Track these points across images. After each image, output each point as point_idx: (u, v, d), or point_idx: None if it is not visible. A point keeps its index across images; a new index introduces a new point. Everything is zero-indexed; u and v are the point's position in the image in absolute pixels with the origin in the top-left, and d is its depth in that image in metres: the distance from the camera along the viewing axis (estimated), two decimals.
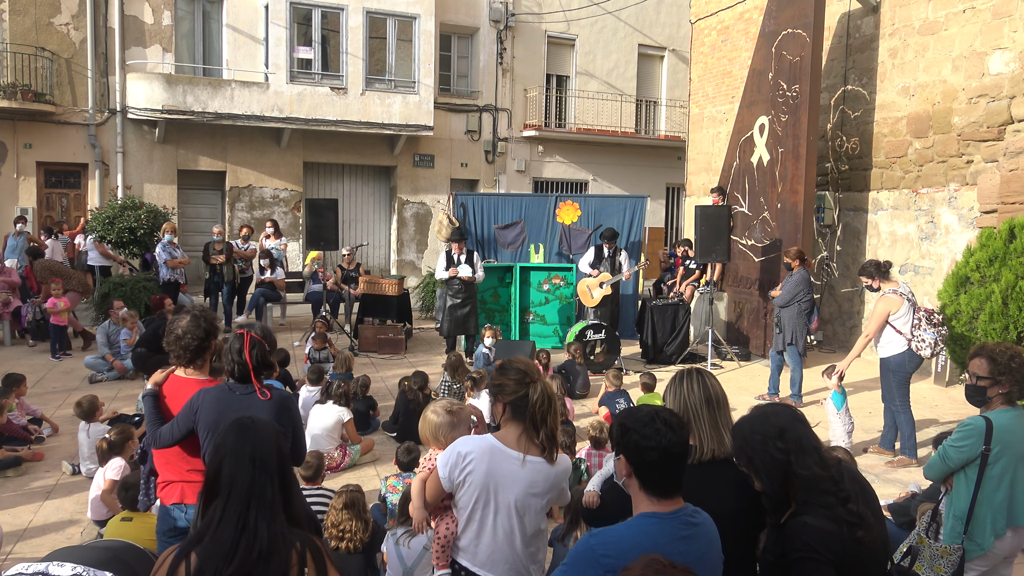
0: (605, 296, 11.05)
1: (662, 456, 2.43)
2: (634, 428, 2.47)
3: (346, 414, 6.81)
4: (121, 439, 5.57)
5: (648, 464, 2.44)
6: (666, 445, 2.42)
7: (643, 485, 2.47)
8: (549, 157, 21.91)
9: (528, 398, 2.98)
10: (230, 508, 2.33)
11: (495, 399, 3.07)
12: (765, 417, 2.73)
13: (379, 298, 12.22)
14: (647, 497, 2.47)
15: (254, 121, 17.41)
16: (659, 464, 2.43)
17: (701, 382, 3.00)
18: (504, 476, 2.97)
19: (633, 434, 2.46)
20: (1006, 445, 3.82)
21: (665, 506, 2.46)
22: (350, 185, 20.28)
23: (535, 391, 2.99)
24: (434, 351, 11.87)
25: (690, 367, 3.15)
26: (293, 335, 12.81)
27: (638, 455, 2.45)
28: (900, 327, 6.98)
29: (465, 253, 11.12)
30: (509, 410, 3.03)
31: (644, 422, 2.47)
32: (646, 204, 13.17)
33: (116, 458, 5.46)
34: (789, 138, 11.22)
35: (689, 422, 2.90)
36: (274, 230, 14.28)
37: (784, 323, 9.03)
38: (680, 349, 11.31)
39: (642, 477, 2.47)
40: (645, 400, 7.81)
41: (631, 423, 2.49)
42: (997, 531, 3.83)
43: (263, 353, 3.56)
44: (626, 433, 2.49)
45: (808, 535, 2.53)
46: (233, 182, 18.33)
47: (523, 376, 3.02)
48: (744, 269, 12.21)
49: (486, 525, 2.98)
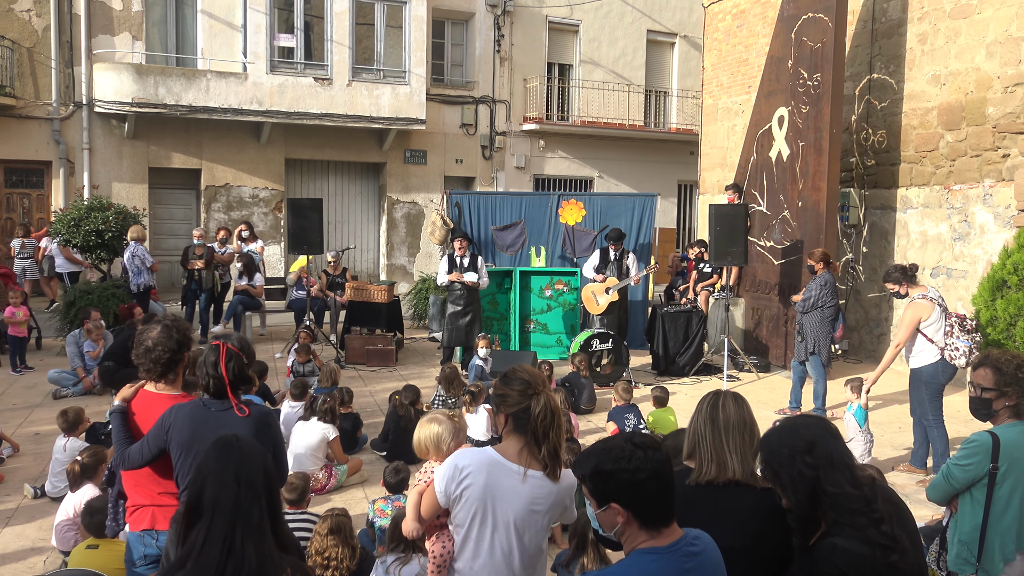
0: (612, 303, 11.05)
1: (658, 482, 2.37)
2: (616, 468, 2.38)
3: (332, 432, 6.80)
4: (94, 462, 5.55)
5: (646, 497, 2.37)
6: (656, 469, 2.37)
7: (644, 523, 2.39)
8: (551, 152, 21.93)
9: (530, 411, 2.99)
10: (215, 530, 2.33)
11: (498, 410, 3.09)
12: (795, 429, 2.76)
13: (367, 306, 12.22)
14: (647, 533, 2.40)
15: (231, 115, 17.43)
16: (656, 492, 2.37)
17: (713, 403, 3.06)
18: (503, 491, 2.98)
19: (621, 474, 2.37)
20: (1014, 462, 3.78)
21: (663, 538, 2.40)
22: (336, 183, 20.29)
23: (537, 404, 3.00)
24: (427, 363, 11.87)
25: (719, 389, 3.17)
26: (274, 346, 12.81)
27: (633, 493, 2.37)
28: (932, 335, 6.98)
29: (469, 256, 11.12)
30: (511, 422, 3.04)
31: (625, 457, 2.38)
32: (656, 203, 13.17)
33: (88, 485, 5.45)
34: (810, 131, 11.24)
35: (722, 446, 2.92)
36: (249, 233, 14.28)
37: (806, 331, 9.03)
38: (694, 360, 11.31)
39: (642, 514, 2.38)
40: (657, 415, 7.80)
41: (610, 465, 2.39)
42: (1007, 556, 3.76)
43: (241, 366, 3.55)
44: (610, 478, 2.39)
45: (838, 558, 2.52)
46: (209, 181, 18.34)
47: (526, 387, 3.03)
48: (762, 273, 12.22)
49: (483, 543, 3.00)
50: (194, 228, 14.21)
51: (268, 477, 2.49)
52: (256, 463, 2.47)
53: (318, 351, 10.95)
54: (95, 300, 11.63)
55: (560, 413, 3.08)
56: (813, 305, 8.97)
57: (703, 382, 10.92)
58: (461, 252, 11.07)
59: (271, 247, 18.73)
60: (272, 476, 2.53)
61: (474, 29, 20.80)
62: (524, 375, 3.08)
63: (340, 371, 8.88)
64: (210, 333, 12.63)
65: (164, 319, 3.77)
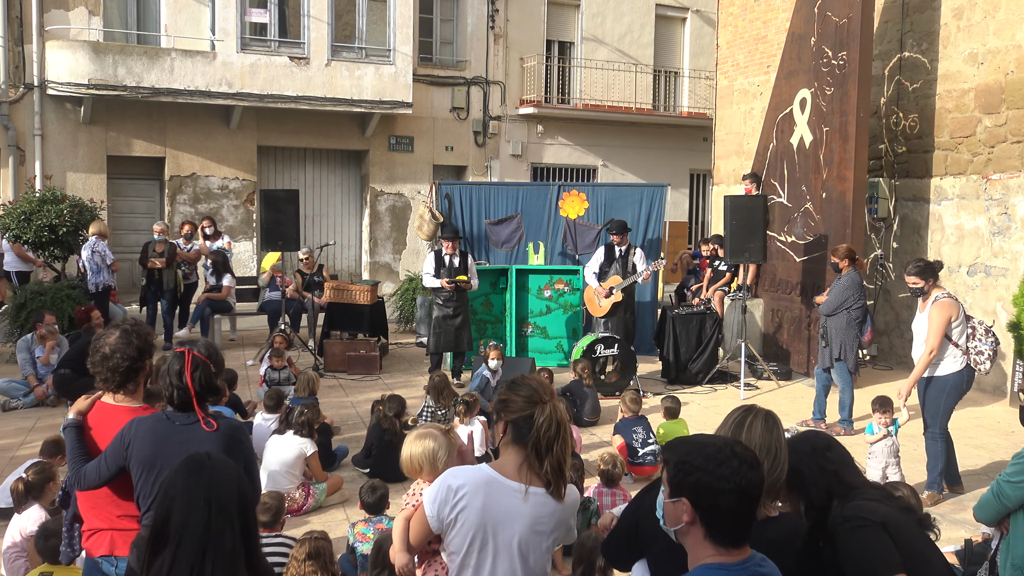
0: (617, 304, 11.05)
1: (740, 500, 2.43)
2: (703, 467, 2.45)
3: (309, 447, 6.79)
4: (40, 480, 5.51)
5: (720, 510, 2.44)
6: (744, 487, 2.42)
7: (710, 534, 2.47)
8: (550, 139, 21.93)
9: (533, 420, 2.98)
10: (181, 558, 2.32)
11: (498, 416, 3.09)
12: (814, 433, 3.25)
13: (348, 308, 12.20)
14: (713, 547, 2.48)
15: (198, 97, 17.39)
16: (735, 510, 2.43)
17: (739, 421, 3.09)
18: (504, 512, 2.97)
19: (702, 474, 2.44)
20: None
21: (732, 555, 2.47)
22: (313, 173, 20.27)
23: (542, 413, 3.00)
24: (414, 370, 11.86)
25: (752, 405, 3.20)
26: (245, 352, 12.79)
27: (709, 499, 2.44)
28: (956, 338, 6.95)
29: (459, 255, 11.11)
30: (511, 431, 3.04)
31: (717, 460, 2.45)
32: (666, 194, 13.17)
33: (34, 505, 5.41)
34: (836, 115, 11.25)
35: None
36: (213, 229, 14.21)
37: (831, 335, 9.03)
38: (708, 367, 11.31)
39: (711, 525, 2.46)
40: (668, 428, 7.81)
41: (698, 461, 2.47)
42: None
43: (208, 375, 3.54)
44: (692, 472, 2.47)
45: (852, 508, 2.95)
46: (174, 170, 18.31)
47: (532, 394, 3.04)
48: (783, 271, 12.23)
49: (483, 571, 2.99)
50: (155, 223, 14.14)
51: (243, 500, 2.48)
52: (230, 484, 2.46)
53: (294, 358, 10.93)
54: (48, 302, 11.60)
55: (567, 426, 3.08)
56: (839, 307, 8.98)
57: (718, 391, 10.93)
58: (450, 252, 11.05)
59: (242, 243, 18.71)
60: (248, 499, 2.51)
61: (465, 3, 20.79)
62: (532, 383, 3.10)
63: (319, 380, 8.86)
64: (174, 338, 12.61)
65: (124, 323, 3.76)
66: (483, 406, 7.90)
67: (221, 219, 18.06)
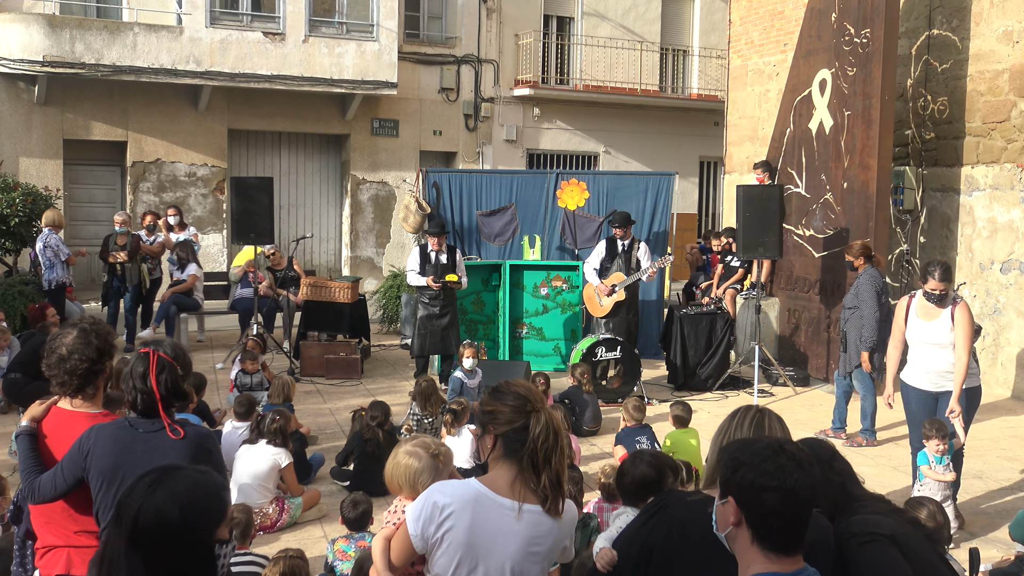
0: (619, 303, 11.05)
1: (785, 501, 2.46)
2: (750, 462, 2.51)
3: (284, 457, 6.79)
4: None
5: (765, 510, 2.47)
6: (792, 486, 2.46)
7: (757, 537, 2.50)
8: (548, 123, 21.92)
9: (528, 431, 2.98)
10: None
11: (485, 430, 3.07)
12: (816, 442, 3.31)
13: (327, 306, 12.20)
14: (761, 553, 2.51)
15: (163, 76, 17.36)
16: (780, 511, 2.47)
17: (756, 421, 3.10)
18: (494, 532, 2.97)
19: (748, 470, 2.50)
20: None
21: (785, 565, 2.50)
22: (289, 160, 20.25)
23: (537, 422, 2.99)
24: (398, 375, 11.86)
25: (751, 405, 3.21)
26: (215, 355, 12.78)
27: (753, 497, 2.48)
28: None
29: (446, 251, 11.11)
30: (501, 445, 3.03)
31: (764, 456, 2.51)
32: (673, 184, 13.18)
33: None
34: (858, 97, 11.27)
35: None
36: (178, 219, 14.15)
37: (850, 339, 9.05)
38: (718, 371, 11.33)
39: (757, 527, 2.50)
40: (677, 438, 7.81)
41: (746, 456, 2.54)
42: None
43: (174, 378, 3.54)
44: (739, 468, 2.52)
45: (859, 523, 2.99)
46: (136, 156, 18.28)
47: (523, 403, 3.03)
48: (800, 267, 12.25)
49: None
50: (116, 213, 14.09)
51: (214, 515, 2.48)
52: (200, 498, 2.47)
53: (268, 361, 10.93)
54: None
55: (564, 434, 3.08)
56: (857, 308, 8.96)
57: (729, 398, 10.95)
58: (437, 248, 11.04)
59: (211, 235, 18.68)
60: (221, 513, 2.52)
61: None
62: (519, 389, 3.07)
63: (294, 385, 8.86)
64: (137, 339, 12.58)
65: (82, 322, 3.76)
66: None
67: (188, 209, 18.03)
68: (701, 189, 24.01)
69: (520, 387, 3.09)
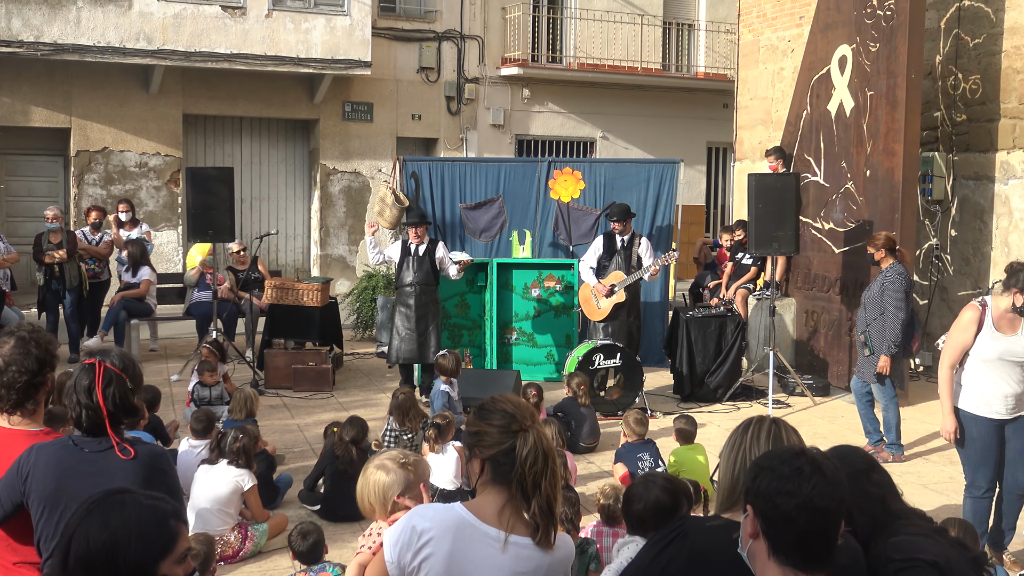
0: (618, 305, 11.05)
1: (802, 510, 2.46)
2: (768, 466, 2.55)
3: (247, 479, 6.76)
4: None
5: (780, 520, 2.48)
6: (808, 493, 2.46)
7: (773, 550, 2.51)
8: (539, 105, 21.93)
9: (515, 453, 2.97)
10: None
11: (471, 453, 3.07)
12: (851, 450, 3.24)
13: (294, 311, 12.17)
14: (778, 568, 2.51)
15: (111, 56, 17.30)
16: (794, 518, 2.47)
17: (773, 433, 3.09)
18: (476, 563, 2.96)
19: (765, 475, 2.53)
20: None
21: None
22: (251, 148, 20.21)
23: (525, 443, 2.98)
24: (374, 386, 11.85)
25: (764, 416, 3.20)
26: (169, 365, 12.75)
27: (768, 503, 2.50)
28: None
29: (426, 243, 11.10)
30: (489, 469, 3.02)
31: (783, 459, 2.55)
32: (678, 172, 13.19)
33: None
34: (882, 76, 11.29)
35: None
36: (129, 215, 14.09)
37: (874, 343, 9.05)
38: (729, 380, 11.33)
39: (772, 537, 2.51)
40: (681, 456, 7.82)
41: (767, 461, 2.59)
42: None
43: (124, 392, 3.52)
44: (759, 475, 2.56)
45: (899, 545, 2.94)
46: (81, 144, 18.21)
47: (510, 421, 3.01)
48: (819, 264, 12.27)
49: None
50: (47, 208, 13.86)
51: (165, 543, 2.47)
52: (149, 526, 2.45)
53: (229, 372, 10.90)
54: None
55: (555, 456, 3.06)
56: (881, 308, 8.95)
57: (741, 409, 10.96)
58: (418, 240, 11.03)
59: (165, 232, 18.63)
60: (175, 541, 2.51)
61: None
62: (507, 406, 3.06)
63: (258, 398, 8.84)
64: (82, 348, 12.53)
65: (19, 330, 3.74)
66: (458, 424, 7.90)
67: (139, 203, 17.95)
68: (709, 178, 24.03)
69: (507, 403, 3.07)
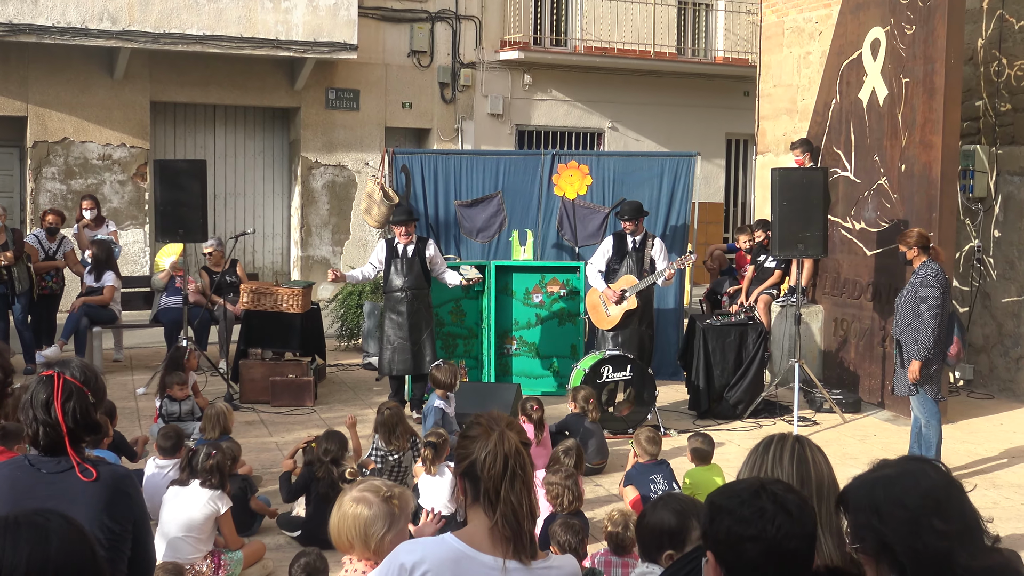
0: (629, 312, 11.04)
1: (769, 556, 2.44)
2: (726, 506, 2.51)
3: (222, 502, 6.74)
4: None
5: (745, 568, 2.46)
6: (774, 536, 2.44)
7: None
8: (542, 93, 21.93)
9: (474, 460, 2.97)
10: None
11: (456, 472, 3.09)
12: (910, 478, 2.66)
13: (273, 317, 12.15)
14: None
15: (71, 37, 17.29)
16: (763, 569, 2.45)
17: (798, 454, 3.07)
18: None
19: (724, 516, 2.49)
20: None
21: None
22: (226, 139, 20.21)
23: (484, 446, 2.96)
24: (360, 401, 11.85)
25: (786, 433, 3.18)
26: (135, 377, 12.73)
27: (730, 550, 2.47)
28: None
29: (414, 242, 11.10)
30: (468, 490, 3.02)
31: (742, 499, 2.51)
32: (695, 167, 13.18)
33: None
34: (918, 61, 11.30)
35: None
36: (95, 213, 14.04)
37: (907, 350, 8.99)
38: (750, 395, 11.32)
39: None
40: (696, 477, 7.81)
41: (724, 500, 2.54)
42: None
43: (85, 407, 3.52)
44: (716, 516, 2.52)
45: None
46: (39, 134, 18.21)
47: (481, 431, 3.01)
48: (849, 268, 12.26)
49: None
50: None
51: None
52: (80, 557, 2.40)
53: (200, 384, 10.89)
54: None
55: (521, 457, 3.00)
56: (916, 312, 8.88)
57: (763, 427, 10.95)
58: (406, 239, 11.02)
59: (131, 231, 18.61)
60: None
61: None
62: (481, 418, 3.06)
63: (233, 414, 8.83)
64: (40, 358, 12.51)
65: None
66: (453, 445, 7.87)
67: (103, 199, 17.84)
68: (728, 173, 24.03)
69: (484, 416, 3.08)
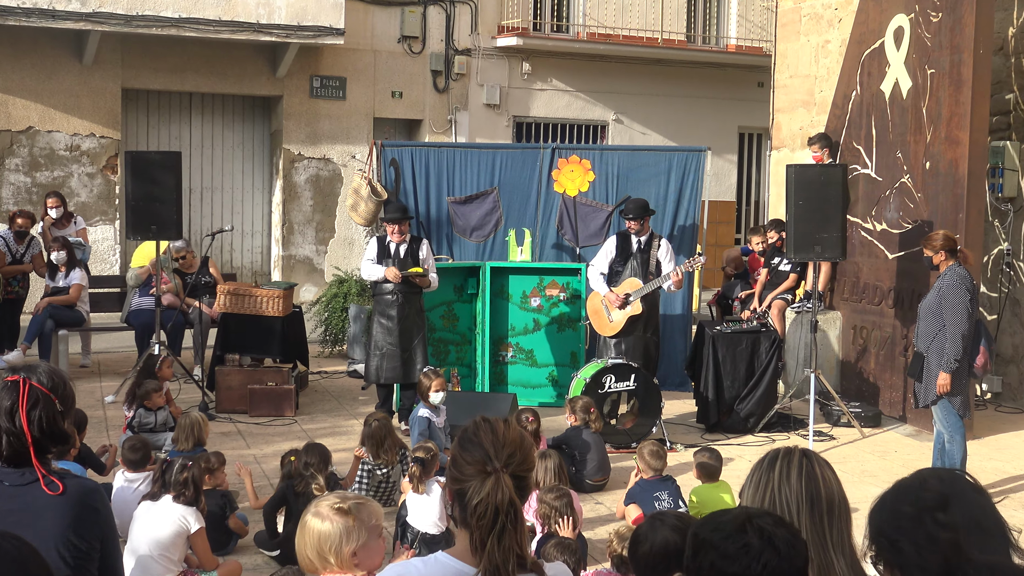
0: (633, 318, 11.05)
1: None
2: (713, 542, 2.51)
3: (194, 519, 6.75)
4: None
5: None
6: (759, 574, 2.45)
7: None
8: (541, 82, 21.94)
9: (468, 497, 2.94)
10: None
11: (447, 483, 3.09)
12: (922, 482, 2.84)
13: (251, 321, 12.16)
14: None
15: (36, 19, 17.28)
16: None
17: (806, 471, 3.08)
18: None
19: (709, 551, 2.50)
20: None
21: None
22: (202, 129, 20.20)
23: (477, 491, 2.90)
24: (344, 411, 11.85)
25: (792, 447, 3.19)
26: (104, 384, 12.73)
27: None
28: None
29: (407, 241, 11.10)
30: (458, 515, 3.02)
31: (726, 533, 2.51)
32: (705, 162, 13.19)
33: None
34: (944, 51, 11.31)
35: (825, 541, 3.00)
36: (61, 212, 14.01)
37: (931, 361, 8.98)
38: (762, 408, 11.33)
39: None
40: (703, 495, 7.82)
41: (707, 533, 2.54)
42: None
43: (52, 415, 3.51)
44: (700, 551, 2.52)
45: None
46: (2, 123, 18.19)
47: (481, 461, 2.97)
48: (870, 272, 12.27)
49: None
50: None
51: None
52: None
53: (173, 392, 10.89)
54: None
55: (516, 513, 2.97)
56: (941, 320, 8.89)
57: (776, 442, 10.94)
58: (399, 238, 11.03)
59: (100, 228, 18.59)
60: None
61: None
62: (485, 440, 3.01)
63: (208, 424, 8.83)
64: (2, 363, 12.52)
65: None
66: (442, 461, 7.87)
67: (70, 193, 17.89)
68: (740, 170, 24.05)
69: (488, 436, 3.02)
